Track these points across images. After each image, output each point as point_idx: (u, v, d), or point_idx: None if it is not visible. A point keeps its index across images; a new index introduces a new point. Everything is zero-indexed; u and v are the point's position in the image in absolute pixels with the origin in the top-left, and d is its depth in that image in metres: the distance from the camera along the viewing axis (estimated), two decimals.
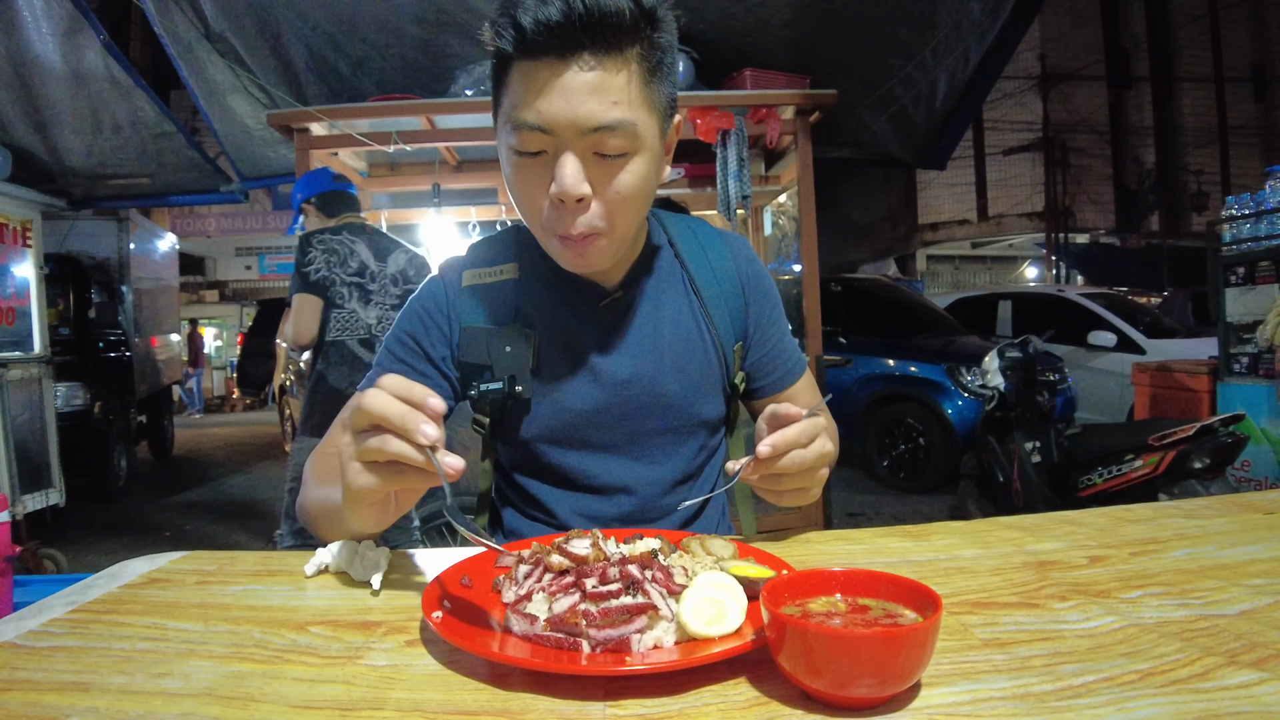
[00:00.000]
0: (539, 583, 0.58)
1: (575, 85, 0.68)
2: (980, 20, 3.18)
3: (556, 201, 0.72)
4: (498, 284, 0.89)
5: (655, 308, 0.90)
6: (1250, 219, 3.61)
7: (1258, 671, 0.46)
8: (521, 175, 0.74)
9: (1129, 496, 2.91)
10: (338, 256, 2.31)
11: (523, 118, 0.69)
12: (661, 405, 0.88)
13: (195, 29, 3.08)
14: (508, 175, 0.76)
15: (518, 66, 0.70)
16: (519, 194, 0.76)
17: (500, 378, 0.86)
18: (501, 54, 0.71)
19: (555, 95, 0.68)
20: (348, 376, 2.34)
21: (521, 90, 0.69)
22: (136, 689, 0.48)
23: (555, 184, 0.71)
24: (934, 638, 0.44)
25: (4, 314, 3.86)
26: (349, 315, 2.30)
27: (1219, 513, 0.82)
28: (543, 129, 0.69)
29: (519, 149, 0.72)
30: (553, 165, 0.71)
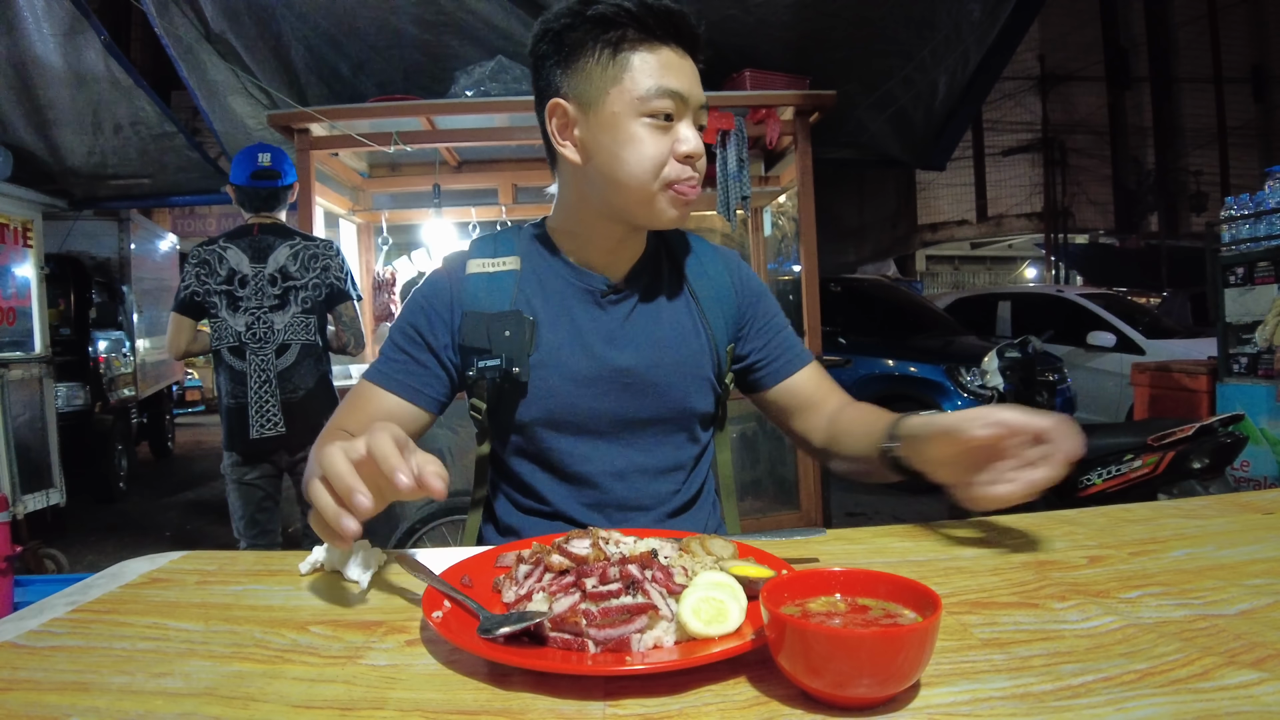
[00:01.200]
0: (539, 582, 0.58)
1: (690, 69, 0.86)
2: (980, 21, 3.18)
3: (683, 159, 0.85)
4: (500, 273, 0.95)
5: (654, 304, 0.95)
6: (1249, 219, 3.62)
7: (1257, 671, 0.46)
8: (649, 136, 0.84)
9: (1128, 496, 2.90)
10: (208, 268, 2.31)
11: (666, 85, 0.83)
12: (655, 395, 0.92)
13: (195, 30, 3.08)
14: (627, 137, 0.84)
15: (642, 48, 0.84)
16: (642, 154, 0.84)
17: (497, 359, 0.90)
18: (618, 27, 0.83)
19: (684, 73, 0.85)
20: (224, 385, 2.33)
21: (655, 66, 0.84)
22: (137, 689, 0.48)
23: (685, 144, 0.85)
24: (933, 637, 0.44)
25: (5, 314, 3.86)
26: (221, 324, 2.31)
27: (1218, 513, 0.82)
28: (681, 95, 0.84)
29: (652, 111, 0.83)
30: (676, 130, 0.85)
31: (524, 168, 3.70)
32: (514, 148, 3.57)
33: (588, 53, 0.85)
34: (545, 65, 0.88)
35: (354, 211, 3.56)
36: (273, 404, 2.30)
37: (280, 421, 2.30)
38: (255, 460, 2.36)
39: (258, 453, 2.34)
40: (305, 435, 2.33)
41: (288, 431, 2.31)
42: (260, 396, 2.29)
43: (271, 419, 2.30)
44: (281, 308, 2.32)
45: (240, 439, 2.31)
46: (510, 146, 3.53)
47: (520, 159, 3.73)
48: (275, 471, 2.39)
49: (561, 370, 0.90)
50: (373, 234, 3.64)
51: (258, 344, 2.29)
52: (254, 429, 2.28)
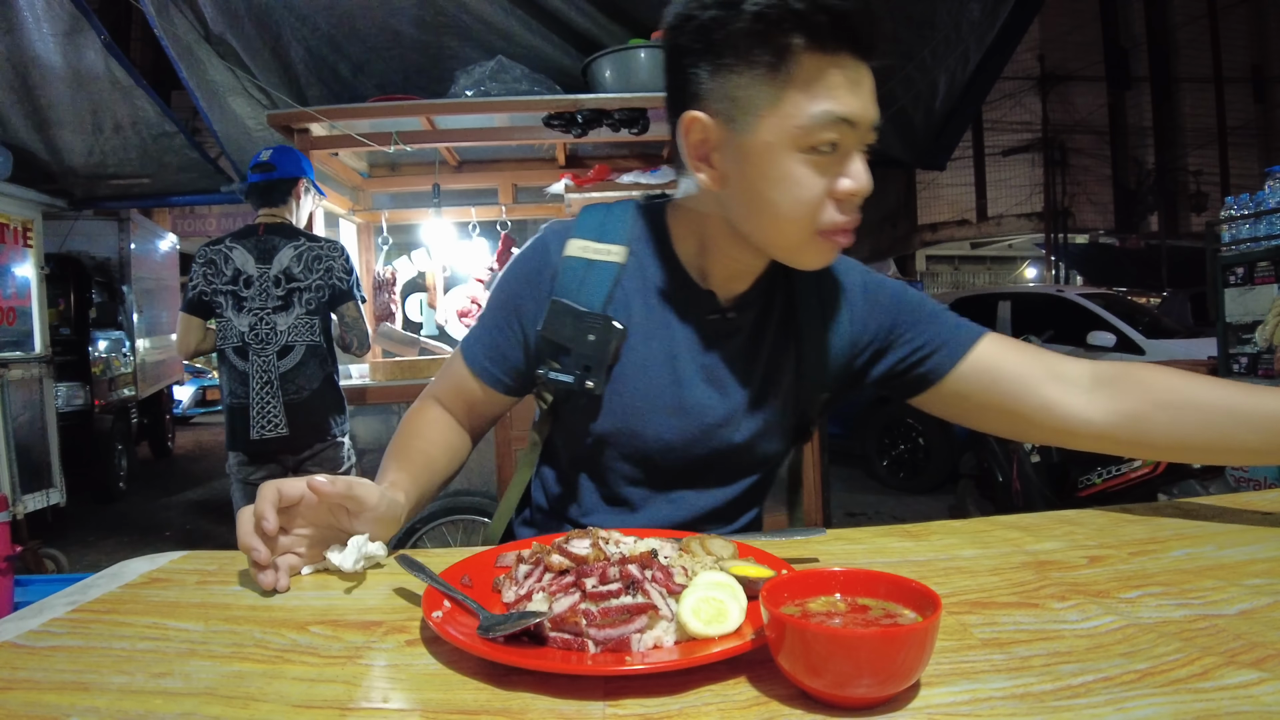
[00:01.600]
0: (539, 582, 0.58)
1: (867, 84, 0.70)
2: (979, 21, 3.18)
3: (846, 196, 0.71)
4: (601, 264, 0.84)
5: (758, 338, 0.86)
6: (1249, 219, 3.61)
7: (1257, 671, 0.46)
8: (807, 175, 0.70)
9: (1128, 496, 2.91)
10: (214, 267, 2.33)
11: (835, 110, 0.68)
12: (728, 437, 0.86)
13: (195, 30, 3.08)
14: (779, 174, 0.70)
15: (810, 60, 0.67)
16: (793, 196, 0.70)
17: (571, 370, 0.83)
18: (786, 30, 0.66)
19: (860, 91, 0.69)
20: (227, 384, 2.35)
21: (825, 85, 0.68)
22: (137, 689, 0.48)
23: (851, 179, 0.70)
24: (933, 637, 0.44)
25: (5, 314, 3.86)
26: (226, 324, 2.32)
27: (1218, 513, 0.82)
28: (851, 122, 0.68)
29: (816, 143, 0.68)
30: (842, 161, 0.70)
31: (524, 168, 3.70)
32: (514, 148, 3.57)
33: (740, 59, 0.69)
34: (684, 61, 0.73)
35: (354, 211, 3.56)
36: (274, 405, 2.30)
37: (282, 423, 2.30)
38: (261, 461, 2.36)
39: (262, 453, 2.34)
40: (309, 436, 2.35)
41: (290, 433, 2.31)
42: (262, 397, 2.30)
43: (272, 420, 2.30)
44: (285, 309, 2.32)
45: (242, 439, 2.32)
46: (510, 146, 3.53)
47: (520, 159, 3.72)
48: (280, 472, 2.39)
49: (641, 392, 0.83)
50: (373, 234, 3.64)
51: (260, 345, 2.30)
52: (255, 429, 2.29)
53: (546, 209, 3.68)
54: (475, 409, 0.93)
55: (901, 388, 0.89)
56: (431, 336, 3.61)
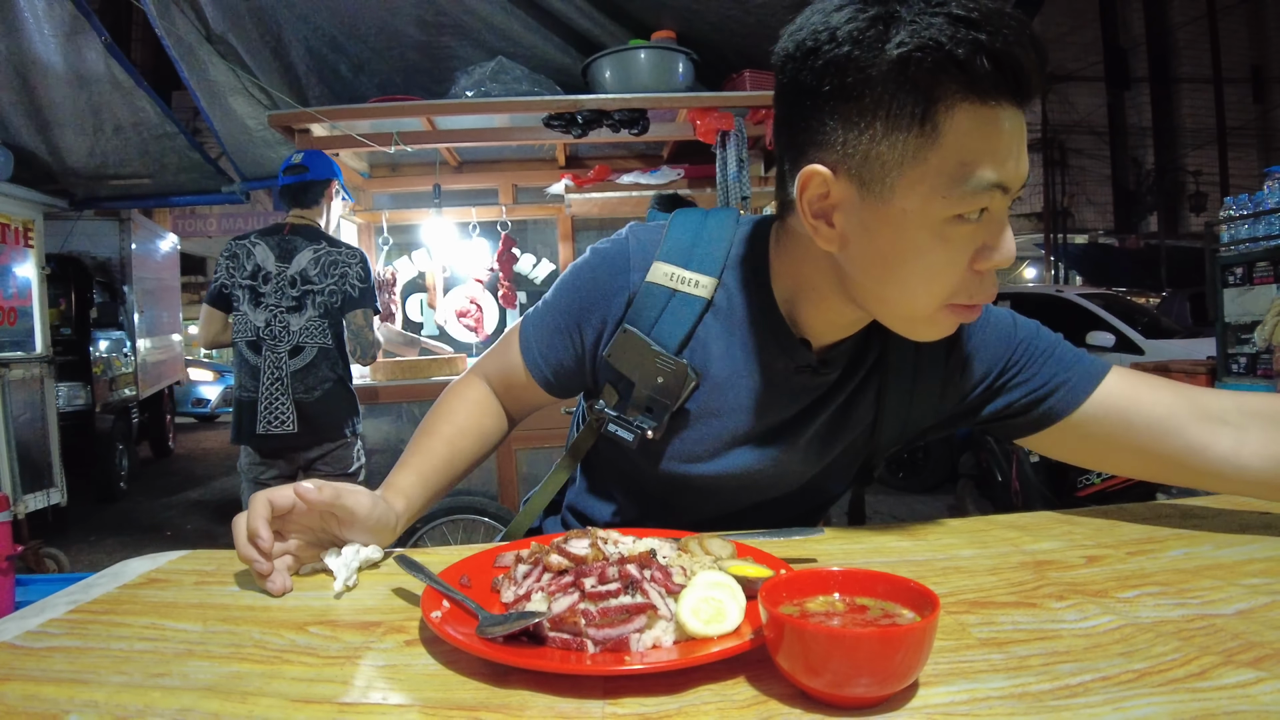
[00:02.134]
0: (538, 582, 0.58)
1: (1019, 138, 0.59)
2: None
3: (987, 270, 0.62)
4: (685, 296, 0.75)
5: (839, 394, 0.78)
6: (1248, 220, 3.61)
7: (1255, 671, 0.46)
8: (950, 242, 0.60)
9: (1127, 496, 2.90)
10: (237, 261, 2.37)
11: (988, 176, 0.58)
12: (786, 491, 0.83)
13: (196, 30, 3.08)
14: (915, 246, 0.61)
15: (964, 111, 0.56)
16: (929, 268, 0.62)
17: (629, 422, 0.76)
18: (938, 95, 0.56)
19: (1014, 147, 0.59)
20: (239, 379, 2.38)
21: (981, 145, 0.57)
22: (136, 686, 0.48)
23: (1001, 252, 0.61)
24: (931, 637, 0.44)
25: (6, 314, 3.86)
26: (242, 318, 2.36)
27: (1215, 513, 0.82)
28: (1004, 187, 0.59)
29: (966, 211, 0.59)
30: (988, 229, 0.61)
31: (524, 168, 3.70)
32: (514, 148, 3.57)
33: (880, 109, 0.58)
34: (805, 102, 0.62)
35: (354, 211, 3.56)
36: (284, 402, 2.31)
37: (290, 420, 2.32)
38: (271, 458, 2.38)
39: (270, 450, 2.36)
40: (319, 436, 2.37)
41: (299, 431, 2.32)
42: (271, 393, 2.31)
43: (280, 416, 2.31)
44: (298, 309, 2.35)
45: (247, 433, 2.33)
46: (511, 147, 3.53)
47: (521, 159, 3.73)
48: (290, 471, 2.40)
49: (705, 441, 0.77)
50: (373, 234, 3.65)
51: (273, 341, 2.33)
52: (261, 424, 2.31)
53: (546, 209, 3.68)
54: (519, 396, 0.89)
55: (1015, 429, 0.81)
56: (432, 336, 3.61)
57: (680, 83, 2.93)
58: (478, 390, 0.89)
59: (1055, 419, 0.77)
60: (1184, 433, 0.72)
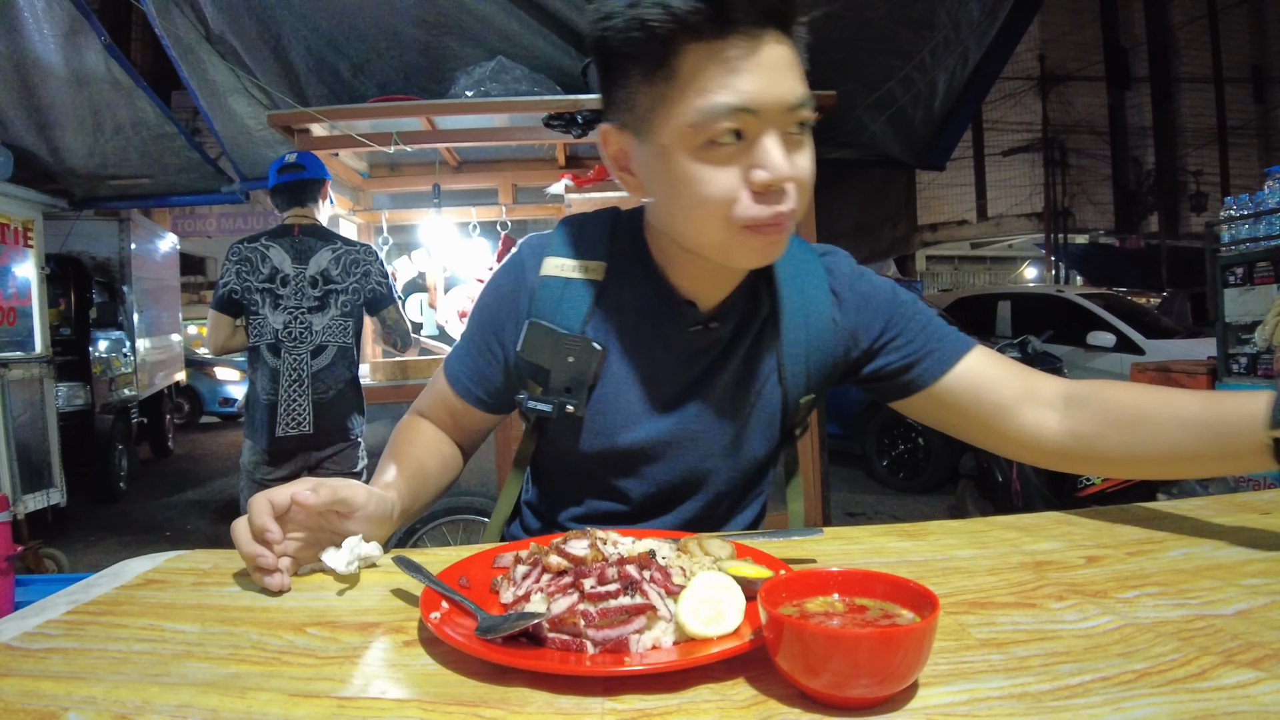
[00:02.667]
0: (537, 583, 0.58)
1: (773, 61, 0.65)
2: (979, 21, 3.18)
3: (762, 189, 0.66)
4: (579, 281, 0.82)
5: (738, 346, 0.84)
6: (1249, 219, 3.61)
7: (1254, 671, 0.46)
8: (708, 170, 0.67)
9: (1127, 496, 2.90)
10: (250, 265, 2.37)
11: (721, 100, 0.64)
12: (713, 450, 0.86)
13: (195, 30, 3.08)
14: (678, 173, 0.68)
15: (694, 48, 0.64)
16: (702, 192, 0.67)
17: (550, 398, 0.81)
18: (662, 33, 0.64)
19: (758, 72, 0.64)
20: (259, 381, 2.37)
21: (710, 72, 0.64)
22: (134, 683, 0.48)
23: (765, 169, 0.65)
24: (931, 638, 0.44)
25: (5, 314, 3.86)
26: (261, 321, 2.36)
27: (1215, 513, 0.82)
28: (748, 109, 0.64)
29: (710, 137, 0.65)
30: (750, 150, 0.66)
31: (524, 168, 3.69)
32: (514, 148, 3.57)
33: (630, 64, 0.68)
34: (601, 73, 0.73)
35: (354, 211, 3.56)
36: (303, 403, 2.33)
37: (308, 421, 2.33)
38: (280, 460, 2.37)
39: (282, 451, 2.36)
40: (331, 435, 2.38)
41: (314, 431, 2.34)
42: (291, 395, 2.32)
43: (298, 418, 2.33)
44: (321, 309, 2.36)
45: (265, 435, 2.33)
46: (510, 146, 3.53)
47: (520, 159, 3.72)
48: (296, 471, 2.39)
49: (623, 410, 0.82)
50: (373, 234, 3.64)
51: (294, 343, 2.34)
52: (280, 426, 2.31)
53: (546, 209, 3.68)
54: (461, 424, 0.94)
55: (887, 391, 0.88)
56: (431, 336, 3.61)
57: None
58: (424, 423, 0.93)
59: (921, 386, 0.84)
60: (1018, 410, 0.81)
